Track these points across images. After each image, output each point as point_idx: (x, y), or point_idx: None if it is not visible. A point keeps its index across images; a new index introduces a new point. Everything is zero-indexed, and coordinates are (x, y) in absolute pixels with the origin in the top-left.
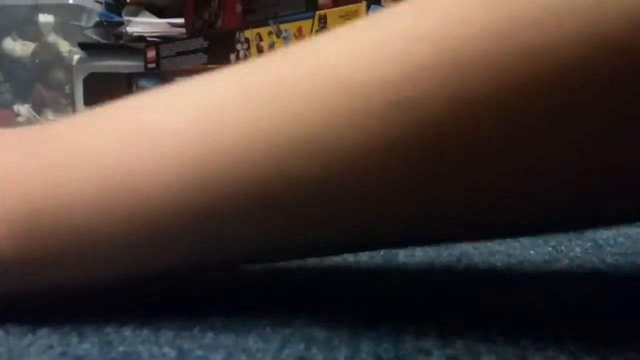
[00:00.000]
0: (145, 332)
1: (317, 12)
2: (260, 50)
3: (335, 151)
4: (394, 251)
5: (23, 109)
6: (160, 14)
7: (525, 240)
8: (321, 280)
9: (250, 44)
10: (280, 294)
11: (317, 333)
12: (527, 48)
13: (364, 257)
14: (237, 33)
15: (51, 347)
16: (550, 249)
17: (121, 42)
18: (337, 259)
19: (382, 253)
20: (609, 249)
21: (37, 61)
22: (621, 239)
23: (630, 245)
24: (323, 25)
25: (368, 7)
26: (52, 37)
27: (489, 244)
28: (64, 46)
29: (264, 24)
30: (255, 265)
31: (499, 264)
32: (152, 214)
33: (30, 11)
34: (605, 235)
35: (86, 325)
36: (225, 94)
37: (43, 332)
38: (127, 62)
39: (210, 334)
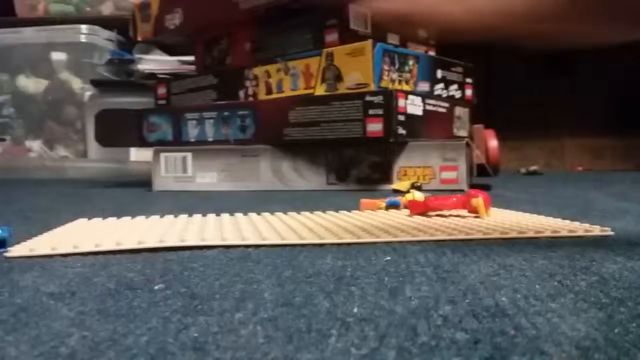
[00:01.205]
0: None
1: (325, 50)
2: (268, 87)
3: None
4: (401, 285)
5: (35, 145)
6: (171, 52)
7: (531, 274)
8: (325, 310)
9: (259, 81)
10: (284, 325)
11: None
12: None
13: (370, 290)
14: (246, 70)
15: None
16: (556, 283)
17: (132, 79)
18: (344, 289)
19: (388, 286)
20: (614, 282)
21: (49, 98)
22: (626, 273)
23: (635, 279)
24: (330, 62)
25: (374, 45)
26: (65, 75)
27: (494, 278)
28: (76, 83)
29: (272, 61)
30: (257, 292)
31: (504, 298)
32: None
33: (43, 49)
34: (611, 269)
35: (97, 357)
36: None
37: None
38: (138, 98)
39: None
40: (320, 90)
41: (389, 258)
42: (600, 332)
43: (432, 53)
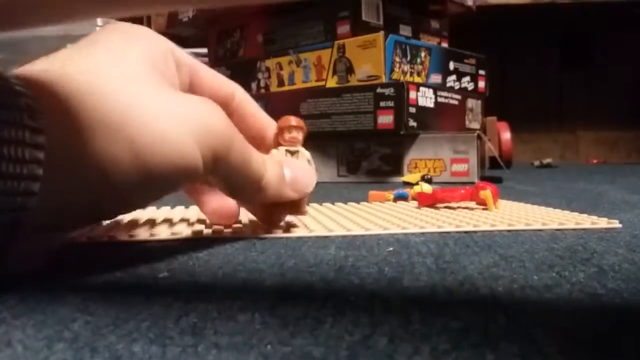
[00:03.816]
0: (154, 348)
1: (336, 42)
2: (280, 79)
3: None
4: (399, 275)
5: None
6: (183, 44)
7: (531, 265)
8: (323, 299)
9: (271, 72)
10: (283, 313)
11: (315, 351)
12: None
13: (369, 279)
14: (258, 62)
15: None
16: (554, 274)
17: None
18: (343, 279)
19: (387, 276)
20: (612, 274)
21: None
22: (626, 265)
23: (635, 271)
24: (342, 54)
25: (386, 37)
26: None
27: (494, 269)
28: None
29: (284, 53)
30: (258, 282)
31: (500, 288)
32: None
33: (59, 41)
34: (611, 261)
35: (99, 341)
36: None
37: (58, 347)
38: None
39: (214, 351)
40: (332, 83)
41: (391, 249)
42: (592, 322)
43: (444, 45)
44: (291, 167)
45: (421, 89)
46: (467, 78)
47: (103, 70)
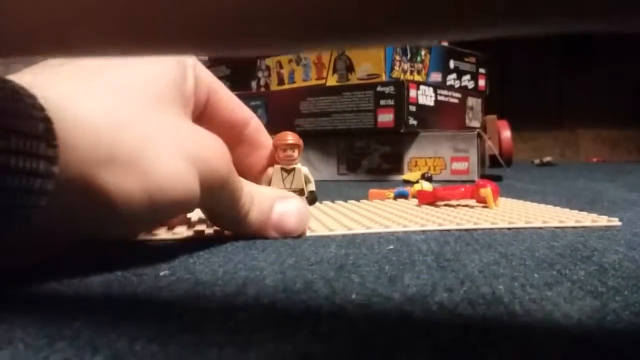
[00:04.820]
0: (155, 346)
1: None
2: (280, 78)
3: None
4: (400, 273)
5: None
6: None
7: (531, 263)
8: (323, 297)
9: (271, 71)
10: (283, 311)
11: (315, 349)
12: None
13: (369, 277)
14: (258, 61)
15: (66, 359)
16: (554, 272)
17: None
18: (344, 277)
19: (388, 274)
20: (613, 272)
21: None
22: (627, 263)
23: (635, 269)
24: (342, 52)
25: None
26: None
27: (494, 267)
28: None
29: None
30: (259, 280)
31: (500, 286)
32: None
33: None
34: (611, 259)
35: (100, 339)
36: None
37: (59, 345)
38: None
39: (215, 350)
40: (332, 81)
41: (392, 247)
42: (592, 320)
43: (445, 43)
44: (283, 206)
45: (421, 87)
46: (468, 76)
47: (120, 94)
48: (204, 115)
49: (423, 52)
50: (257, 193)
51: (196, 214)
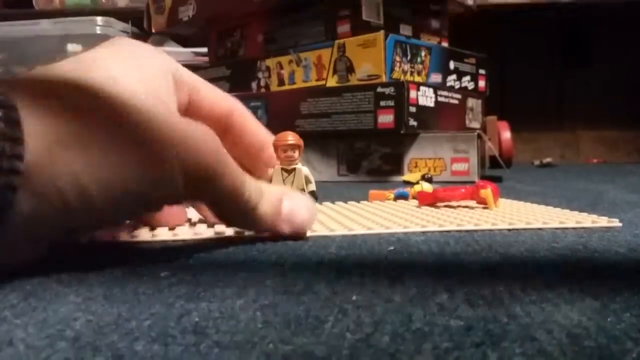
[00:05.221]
0: (156, 347)
1: (337, 41)
2: (280, 79)
3: None
4: (401, 274)
5: None
6: (184, 44)
7: (532, 265)
8: (324, 298)
9: (271, 72)
10: (284, 312)
11: (317, 350)
12: None
13: (370, 278)
14: (259, 62)
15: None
16: (555, 273)
17: None
18: (344, 278)
19: (388, 275)
20: (613, 273)
21: None
22: (627, 264)
23: (635, 270)
24: (342, 53)
25: (386, 36)
26: None
27: (494, 268)
28: None
29: (284, 52)
30: (259, 281)
31: (501, 287)
32: None
33: (59, 41)
34: (612, 260)
35: (101, 340)
36: None
37: (60, 346)
38: None
39: (216, 350)
40: (332, 82)
41: (392, 248)
42: (592, 321)
43: (445, 44)
44: (291, 201)
45: (421, 88)
46: (468, 77)
47: (98, 92)
48: (187, 112)
49: (423, 53)
50: (267, 188)
51: (196, 215)
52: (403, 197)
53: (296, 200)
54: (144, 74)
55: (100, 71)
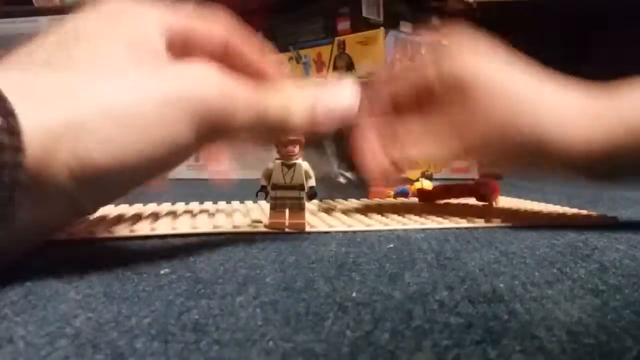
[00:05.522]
0: (156, 344)
1: (336, 38)
2: None
3: None
4: (401, 271)
5: None
6: None
7: (532, 261)
8: (324, 295)
9: None
10: (284, 309)
11: (317, 348)
12: None
13: (370, 275)
14: None
15: (67, 357)
16: (555, 270)
17: None
18: (344, 275)
19: (388, 272)
20: (613, 270)
21: None
22: (627, 261)
23: (635, 267)
24: (342, 50)
25: (386, 33)
26: None
27: (495, 265)
28: None
29: (284, 49)
30: (259, 278)
31: (501, 284)
32: None
33: None
34: (612, 257)
35: (100, 337)
36: None
37: (60, 343)
38: None
39: (216, 348)
40: None
41: (392, 245)
42: (593, 318)
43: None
44: (324, 99)
45: None
46: None
47: (81, 69)
48: (184, 54)
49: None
50: (293, 99)
51: (197, 209)
52: (403, 194)
53: (329, 95)
54: (133, 36)
55: (85, 51)
